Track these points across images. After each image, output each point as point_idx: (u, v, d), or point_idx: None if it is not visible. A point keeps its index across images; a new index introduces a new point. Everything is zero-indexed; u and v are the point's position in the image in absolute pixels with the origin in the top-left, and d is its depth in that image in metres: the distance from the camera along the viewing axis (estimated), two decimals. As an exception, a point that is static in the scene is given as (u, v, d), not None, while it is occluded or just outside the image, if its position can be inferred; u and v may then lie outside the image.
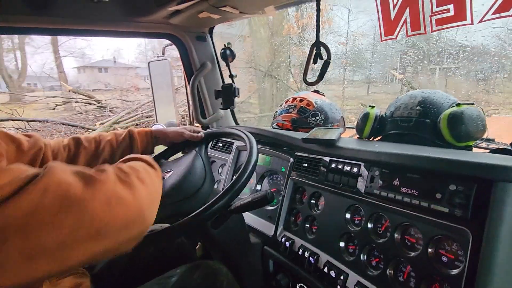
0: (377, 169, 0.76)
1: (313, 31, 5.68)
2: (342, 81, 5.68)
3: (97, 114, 5.15)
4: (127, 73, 13.28)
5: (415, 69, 4.55)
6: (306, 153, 0.98)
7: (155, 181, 0.58)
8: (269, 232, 1.02)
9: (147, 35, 1.28)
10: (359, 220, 0.80)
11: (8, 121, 4.58)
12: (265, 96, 5.85)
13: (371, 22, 5.18)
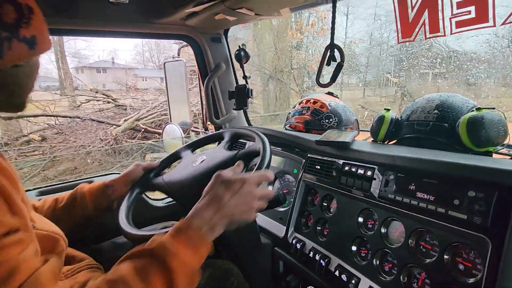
0: (392, 173, 0.75)
1: (314, 37, 5.81)
2: (339, 84, 5.80)
3: (116, 112, 5.36)
4: (126, 73, 13.50)
5: (408, 73, 4.56)
6: (319, 155, 0.97)
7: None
8: (280, 234, 1.02)
9: (164, 36, 1.30)
10: (372, 224, 0.79)
11: (42, 116, 4.83)
12: (269, 97, 5.95)
13: (367, 28, 5.44)
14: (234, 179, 0.60)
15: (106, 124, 4.86)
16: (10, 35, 0.49)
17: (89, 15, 1.02)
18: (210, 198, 0.58)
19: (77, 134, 4.81)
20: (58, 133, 4.84)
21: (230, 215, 0.57)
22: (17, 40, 0.50)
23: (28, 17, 0.51)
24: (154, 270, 0.47)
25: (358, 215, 0.81)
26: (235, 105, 1.37)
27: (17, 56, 0.51)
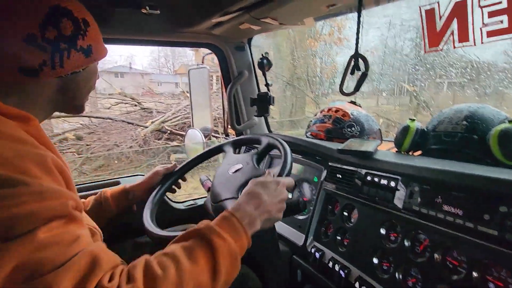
0: (417, 184, 0.73)
1: (330, 46, 5.88)
2: (327, 93, 5.94)
3: (142, 114, 5.70)
4: (142, 78, 13.96)
5: (423, 82, 4.47)
6: (340, 164, 0.97)
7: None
8: (299, 242, 1.02)
9: (190, 45, 1.35)
10: (395, 236, 0.77)
11: (77, 117, 5.23)
12: (285, 103, 6.04)
13: (381, 37, 5.41)
14: (270, 181, 0.66)
15: (134, 125, 5.19)
16: (68, 46, 0.55)
17: (124, 25, 1.09)
18: (250, 196, 0.62)
19: (109, 134, 5.15)
20: (91, 132, 5.20)
21: (268, 211, 0.61)
22: (75, 50, 0.56)
23: (84, 29, 0.57)
24: (200, 249, 0.49)
25: (381, 227, 0.79)
26: (256, 111, 1.39)
27: (75, 64, 0.57)
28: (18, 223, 0.37)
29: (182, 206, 1.38)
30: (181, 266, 0.46)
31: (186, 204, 1.39)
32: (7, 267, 0.35)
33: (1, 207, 0.37)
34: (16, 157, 0.41)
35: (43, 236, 0.38)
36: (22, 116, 0.51)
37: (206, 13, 1.06)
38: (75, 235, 0.42)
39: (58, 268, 0.38)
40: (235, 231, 0.54)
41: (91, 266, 0.40)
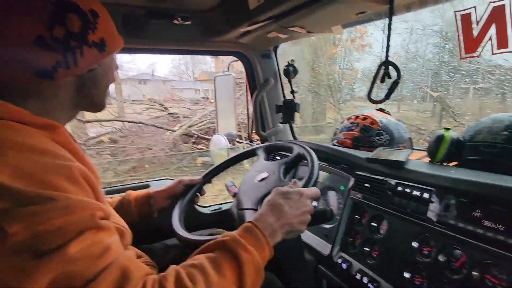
0: (453, 197, 0.70)
1: (352, 53, 5.82)
2: (362, 98, 5.85)
3: (170, 119, 5.98)
4: (164, 85, 14.40)
5: (446, 87, 4.23)
6: (369, 173, 0.95)
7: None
8: (324, 251, 1.00)
9: (218, 53, 1.40)
10: (429, 251, 0.74)
11: (113, 121, 5.62)
12: (306, 109, 6.04)
13: (403, 42, 5.42)
14: (293, 191, 0.65)
15: (164, 130, 5.48)
16: (79, 43, 0.52)
17: (157, 36, 1.15)
18: (272, 207, 0.62)
19: (141, 137, 5.45)
20: (124, 136, 5.51)
21: (289, 223, 0.61)
22: (87, 46, 0.53)
23: (93, 21, 0.53)
24: (226, 261, 0.50)
25: (413, 240, 0.76)
26: (281, 118, 1.39)
27: (89, 61, 0.54)
28: (48, 239, 0.38)
29: (208, 211, 1.40)
30: (210, 278, 0.47)
31: (211, 209, 1.42)
32: (43, 282, 0.36)
33: (31, 224, 0.37)
34: (41, 172, 0.41)
35: (74, 250, 0.39)
36: (48, 125, 0.50)
37: (235, 23, 1.09)
38: (105, 246, 0.43)
39: (91, 281, 0.38)
40: (258, 243, 0.54)
41: (122, 280, 0.41)
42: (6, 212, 0.36)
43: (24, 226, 0.36)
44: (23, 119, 0.47)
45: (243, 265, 0.50)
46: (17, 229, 0.36)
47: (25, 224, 0.36)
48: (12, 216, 0.36)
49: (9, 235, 0.35)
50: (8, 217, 0.36)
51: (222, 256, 0.51)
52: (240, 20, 1.07)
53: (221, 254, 0.51)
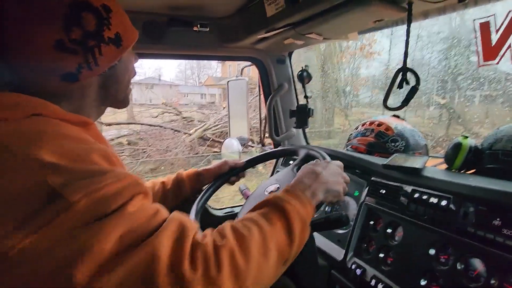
0: (472, 205, 0.69)
1: (359, 60, 5.89)
2: (373, 105, 6.01)
3: (184, 123, 6.24)
4: (171, 89, 14.61)
5: (452, 94, 4.21)
6: (384, 179, 0.95)
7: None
8: (338, 257, 1.00)
9: (234, 58, 1.43)
10: (446, 258, 0.73)
11: (132, 124, 5.96)
12: (316, 114, 6.17)
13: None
14: (319, 162, 0.71)
15: (181, 133, 5.74)
16: (97, 42, 0.52)
17: (177, 42, 1.18)
18: (306, 171, 0.66)
19: (159, 140, 5.70)
20: (141, 138, 5.75)
21: (325, 182, 0.65)
22: (105, 44, 0.53)
23: (107, 17, 0.53)
24: (274, 214, 0.54)
25: (430, 247, 0.76)
26: (295, 123, 1.41)
27: (109, 58, 0.55)
28: (107, 204, 0.41)
29: (221, 213, 1.42)
30: (262, 227, 0.50)
31: (224, 211, 1.44)
32: (112, 238, 0.38)
33: (89, 193, 0.40)
34: (85, 153, 0.44)
35: (132, 210, 0.42)
36: (82, 122, 0.53)
37: (252, 29, 1.12)
38: (155, 208, 0.46)
39: (154, 232, 0.41)
40: (299, 199, 0.58)
41: (181, 229, 0.44)
42: (66, 185, 0.39)
43: (84, 194, 0.39)
44: (61, 116, 0.50)
45: (288, 214, 0.53)
46: (78, 198, 0.39)
47: (84, 193, 0.39)
48: (72, 188, 0.39)
49: (72, 204, 0.38)
50: (68, 188, 0.39)
51: (269, 210, 0.54)
52: (257, 27, 1.09)
53: (268, 209, 0.55)
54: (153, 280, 0.37)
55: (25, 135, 0.43)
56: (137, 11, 1.09)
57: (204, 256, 0.42)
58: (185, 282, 0.39)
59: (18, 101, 0.47)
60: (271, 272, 0.49)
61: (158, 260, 0.38)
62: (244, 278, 0.44)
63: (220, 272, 0.42)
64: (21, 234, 0.36)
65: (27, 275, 0.37)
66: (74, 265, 0.36)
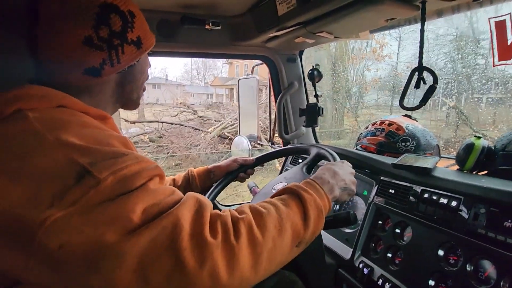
0: (483, 206, 0.69)
1: (372, 62, 5.91)
2: (377, 105, 6.24)
3: (202, 122, 6.46)
4: (177, 89, 14.81)
5: (459, 97, 4.18)
6: (393, 179, 0.94)
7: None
8: (345, 255, 1.00)
9: (244, 57, 1.44)
10: (455, 260, 0.73)
11: (155, 122, 6.22)
12: (326, 115, 6.20)
13: (415, 52, 5.41)
14: (334, 161, 0.76)
15: (200, 131, 5.99)
16: (121, 41, 0.56)
17: (189, 40, 1.20)
18: (324, 169, 0.69)
19: (179, 137, 5.97)
20: (161, 136, 6.00)
21: (343, 179, 0.68)
22: (127, 44, 0.57)
23: (131, 21, 0.58)
24: (291, 199, 0.57)
25: (439, 248, 0.76)
26: (305, 122, 1.41)
27: (130, 57, 0.59)
28: (130, 181, 0.44)
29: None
30: (279, 208, 0.53)
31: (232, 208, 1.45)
32: (138, 210, 0.41)
33: (115, 172, 0.43)
34: (107, 139, 0.48)
35: (153, 188, 0.45)
36: (101, 115, 0.57)
37: (263, 28, 1.13)
38: (171, 188, 0.49)
39: (174, 205, 0.44)
40: (318, 192, 0.60)
41: (199, 204, 0.46)
42: (94, 163, 0.43)
43: (110, 172, 0.43)
44: (83, 109, 0.54)
45: (305, 202, 0.56)
46: (105, 175, 0.42)
47: (111, 171, 0.43)
48: (100, 166, 0.43)
49: (100, 180, 0.41)
50: (96, 166, 0.42)
51: (287, 196, 0.57)
52: (268, 26, 1.10)
53: (286, 195, 0.58)
54: (176, 246, 0.40)
55: (53, 121, 0.47)
56: (152, 9, 1.11)
57: (224, 225, 0.45)
58: (206, 247, 0.41)
59: (45, 94, 0.50)
60: (285, 250, 0.51)
61: (180, 227, 0.41)
62: (261, 250, 0.46)
63: (238, 240, 0.44)
64: (55, 208, 0.39)
65: (60, 246, 0.39)
66: (106, 230, 0.39)
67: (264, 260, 0.46)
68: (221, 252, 0.42)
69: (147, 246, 0.39)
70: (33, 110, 0.47)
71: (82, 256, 0.39)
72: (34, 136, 0.44)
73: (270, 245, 0.47)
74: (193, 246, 0.41)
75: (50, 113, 0.48)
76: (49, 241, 0.39)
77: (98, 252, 0.39)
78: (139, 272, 0.39)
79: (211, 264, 0.41)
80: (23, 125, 0.45)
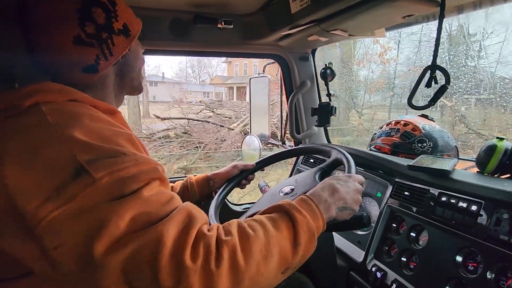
0: (506, 211, 0.65)
1: (377, 65, 6.15)
2: (377, 105, 6.46)
3: (222, 118, 6.69)
4: (174, 87, 15.04)
5: (449, 97, 4.22)
6: (409, 181, 0.91)
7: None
8: (358, 258, 0.98)
9: (256, 55, 1.43)
10: (474, 266, 0.70)
11: (182, 119, 6.58)
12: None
13: (408, 53, 6.08)
14: (340, 175, 0.69)
15: (224, 128, 6.23)
16: (109, 34, 0.57)
17: (201, 39, 1.20)
18: (325, 185, 0.64)
19: (202, 133, 6.23)
20: (185, 132, 6.29)
21: (342, 198, 0.62)
22: (115, 35, 0.58)
23: (113, 10, 0.58)
24: (282, 220, 0.53)
25: (456, 253, 0.73)
26: (317, 121, 1.39)
27: (121, 48, 0.60)
28: (126, 184, 0.44)
29: (239, 208, 1.44)
30: (268, 230, 0.50)
31: (243, 207, 1.45)
32: (126, 218, 0.42)
33: (112, 172, 0.44)
34: (113, 135, 0.49)
35: (147, 195, 0.45)
36: (109, 109, 0.59)
37: (276, 26, 1.12)
38: (169, 195, 0.48)
39: (163, 219, 0.44)
40: (312, 211, 0.56)
41: (189, 219, 0.46)
42: (93, 162, 0.43)
43: (107, 172, 0.43)
44: (93, 103, 0.55)
45: (297, 224, 0.52)
46: (102, 175, 0.43)
47: (108, 171, 0.43)
48: (97, 165, 0.43)
49: (96, 180, 0.42)
50: (94, 166, 0.43)
51: (279, 216, 0.54)
52: (281, 24, 1.08)
53: (278, 214, 0.55)
54: (155, 263, 0.40)
55: (64, 114, 0.49)
56: (164, 8, 1.12)
57: (207, 248, 0.43)
58: (184, 270, 0.40)
59: (59, 88, 0.53)
60: (270, 276, 0.48)
61: (162, 245, 0.41)
62: (242, 277, 0.44)
63: (219, 266, 0.42)
64: (51, 205, 0.41)
65: (55, 247, 0.41)
66: (94, 237, 0.40)
67: (245, 287, 0.44)
68: (198, 278, 0.41)
69: (130, 257, 0.40)
70: (47, 103, 0.50)
71: (75, 261, 0.41)
72: (45, 129, 0.46)
73: (253, 271, 0.45)
74: (171, 266, 0.40)
75: (62, 106, 0.50)
76: (46, 240, 0.41)
77: (86, 262, 0.40)
78: (124, 279, 0.40)
79: (187, 287, 0.40)
80: (37, 118, 0.47)
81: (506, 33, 4.34)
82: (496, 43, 4.59)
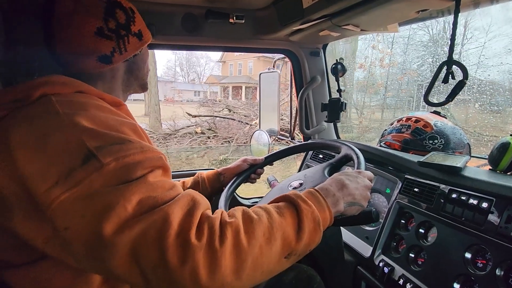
0: (517, 209, 0.65)
1: (378, 68, 6.41)
2: (377, 105, 6.78)
3: (241, 116, 6.99)
4: (165, 85, 15.07)
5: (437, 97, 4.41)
6: (419, 177, 0.91)
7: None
8: (365, 253, 0.98)
9: (267, 50, 1.43)
10: (484, 263, 0.70)
11: (207, 116, 6.93)
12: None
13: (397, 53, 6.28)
14: (350, 171, 0.70)
15: (244, 124, 6.59)
16: (126, 32, 0.65)
17: (213, 34, 1.21)
18: (333, 180, 0.65)
19: (223, 129, 6.59)
20: (209, 129, 6.62)
21: (351, 194, 0.62)
22: (131, 35, 0.66)
23: (132, 16, 0.66)
24: (287, 209, 0.54)
25: (465, 250, 0.73)
26: (327, 117, 1.39)
27: (134, 47, 0.67)
28: (132, 170, 0.46)
29: (248, 202, 1.46)
30: (272, 216, 0.51)
31: (252, 201, 1.47)
32: (133, 201, 0.44)
33: (118, 158, 0.46)
34: (118, 125, 0.52)
35: (152, 180, 0.47)
36: (116, 102, 0.62)
37: (288, 21, 1.11)
38: (171, 183, 0.51)
39: (168, 202, 0.46)
40: (319, 203, 0.57)
41: (193, 203, 0.48)
42: (101, 148, 0.46)
43: (114, 158, 0.46)
44: (99, 95, 0.59)
45: (301, 212, 0.53)
46: (109, 160, 0.45)
47: (115, 157, 0.46)
48: (105, 151, 0.46)
49: (104, 165, 0.45)
50: (102, 152, 0.46)
51: (284, 205, 0.55)
52: (292, 19, 1.08)
53: (283, 203, 0.56)
54: (162, 242, 0.42)
55: (72, 104, 0.52)
56: (176, 4, 1.13)
57: (211, 228, 0.45)
58: (189, 248, 0.42)
59: (66, 81, 0.56)
60: (272, 260, 0.49)
61: (169, 225, 0.43)
62: (245, 257, 0.45)
63: (222, 245, 0.44)
64: (61, 188, 0.43)
65: (65, 228, 0.43)
66: (103, 219, 0.42)
67: (247, 267, 0.46)
68: (203, 255, 0.43)
69: (138, 237, 0.42)
70: (56, 94, 0.53)
71: (84, 242, 0.43)
72: (55, 117, 0.49)
73: (256, 253, 0.47)
74: (178, 244, 0.42)
75: (70, 97, 0.54)
76: (57, 221, 0.43)
77: (95, 242, 0.42)
78: (132, 258, 0.42)
79: (192, 264, 0.42)
80: (47, 107, 0.50)
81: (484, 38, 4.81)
82: (474, 47, 5.00)
